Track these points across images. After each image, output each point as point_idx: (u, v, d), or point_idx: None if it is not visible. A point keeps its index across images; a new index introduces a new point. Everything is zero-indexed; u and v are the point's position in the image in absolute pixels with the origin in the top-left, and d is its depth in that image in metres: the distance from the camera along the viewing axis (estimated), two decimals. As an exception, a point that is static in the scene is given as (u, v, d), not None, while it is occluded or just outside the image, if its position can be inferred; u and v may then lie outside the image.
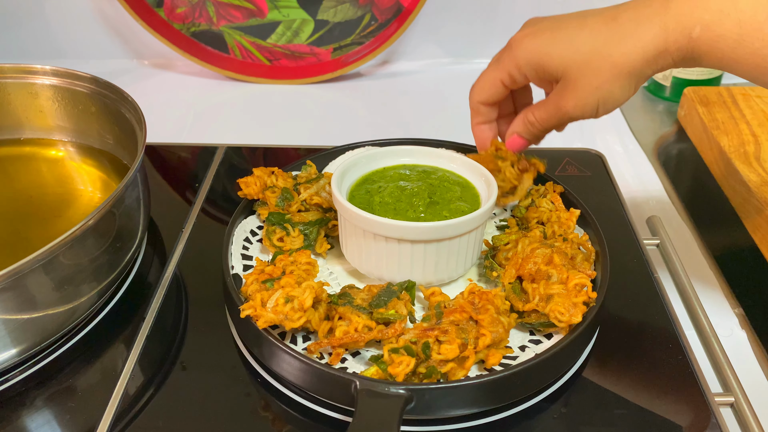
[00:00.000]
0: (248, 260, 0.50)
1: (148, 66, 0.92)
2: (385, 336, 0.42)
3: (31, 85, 0.60)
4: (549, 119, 0.48)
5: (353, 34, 0.86)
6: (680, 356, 0.46)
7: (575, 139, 0.75)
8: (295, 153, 0.70)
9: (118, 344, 0.47)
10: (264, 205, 0.53)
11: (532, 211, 0.52)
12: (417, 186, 0.49)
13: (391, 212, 0.47)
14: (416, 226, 0.44)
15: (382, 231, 0.45)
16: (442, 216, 0.47)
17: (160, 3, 0.83)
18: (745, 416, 0.42)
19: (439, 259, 0.46)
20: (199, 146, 0.70)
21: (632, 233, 0.57)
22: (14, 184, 0.59)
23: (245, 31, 0.86)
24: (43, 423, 0.42)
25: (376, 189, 0.49)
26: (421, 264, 0.46)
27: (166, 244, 0.56)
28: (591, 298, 0.43)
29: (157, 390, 0.44)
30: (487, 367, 0.42)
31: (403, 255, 0.46)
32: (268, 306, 0.42)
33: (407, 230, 0.44)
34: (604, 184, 0.63)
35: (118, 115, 0.56)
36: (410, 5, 0.82)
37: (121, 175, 0.59)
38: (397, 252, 0.45)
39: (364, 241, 0.46)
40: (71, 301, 0.45)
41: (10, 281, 0.39)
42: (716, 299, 0.54)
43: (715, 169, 0.67)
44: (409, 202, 0.48)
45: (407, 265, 0.46)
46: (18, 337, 0.43)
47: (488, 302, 0.43)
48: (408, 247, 0.45)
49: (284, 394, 0.43)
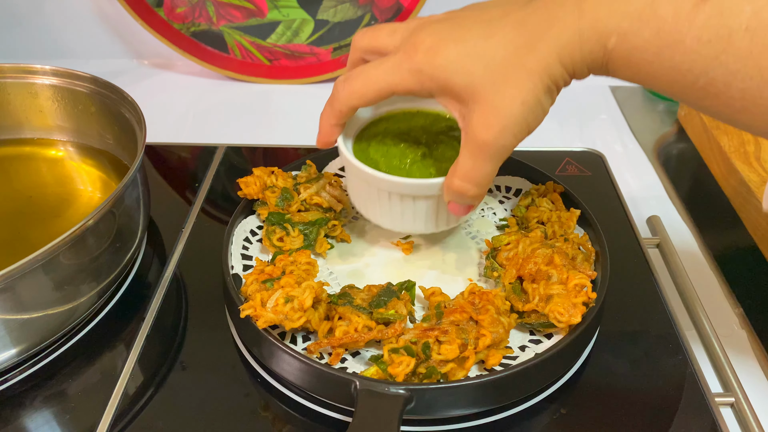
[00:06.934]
0: (248, 260, 0.50)
1: (148, 66, 0.91)
2: (385, 336, 0.42)
3: (31, 85, 0.60)
4: (476, 168, 0.40)
5: (353, 33, 0.86)
6: (680, 356, 0.46)
7: (575, 139, 0.75)
8: (295, 153, 0.70)
9: (118, 344, 0.47)
10: (264, 205, 0.53)
11: (533, 211, 0.52)
12: (419, 136, 0.49)
13: (382, 155, 0.48)
14: (374, 175, 0.45)
15: (356, 173, 0.46)
16: (428, 173, 0.47)
17: (160, 3, 0.83)
18: (745, 416, 0.42)
19: (404, 210, 0.47)
20: (199, 146, 0.70)
21: (632, 233, 0.57)
22: (14, 184, 0.59)
23: (245, 30, 0.86)
24: (42, 423, 0.42)
25: (381, 130, 0.50)
26: (389, 210, 0.47)
27: (166, 244, 0.56)
28: (591, 299, 0.43)
29: (157, 390, 0.44)
30: (487, 367, 0.42)
31: (372, 198, 0.47)
32: (268, 306, 0.42)
33: (370, 178, 0.45)
34: (604, 184, 0.63)
35: (118, 115, 0.56)
36: (410, 5, 0.82)
37: (121, 175, 0.59)
38: (368, 194, 0.48)
39: (351, 180, 0.50)
40: (71, 301, 0.45)
41: (10, 281, 0.39)
42: (716, 299, 0.54)
43: (715, 169, 0.67)
44: (402, 151, 0.48)
45: (376, 208, 0.48)
46: (18, 337, 0.43)
47: (488, 302, 0.43)
48: (375, 192, 0.47)
49: (284, 394, 0.43)
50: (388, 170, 0.47)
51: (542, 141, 0.51)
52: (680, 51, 0.34)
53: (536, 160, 0.58)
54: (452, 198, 0.43)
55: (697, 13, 0.33)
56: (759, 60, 0.32)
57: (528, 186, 0.57)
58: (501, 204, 0.56)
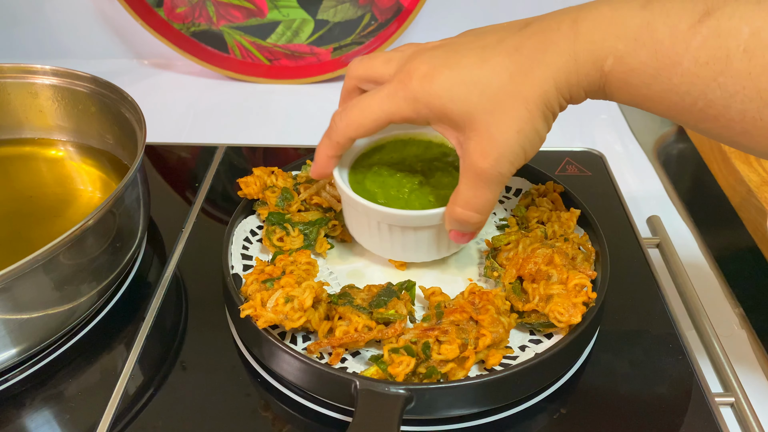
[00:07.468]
0: (248, 260, 0.50)
1: (148, 66, 0.91)
2: (385, 336, 0.42)
3: (31, 85, 0.60)
4: (477, 196, 0.40)
5: (353, 33, 0.86)
6: (680, 356, 0.46)
7: (575, 139, 0.75)
8: (295, 153, 0.70)
9: (118, 344, 0.47)
10: (264, 205, 0.53)
11: (533, 211, 0.52)
12: (414, 164, 0.49)
13: (378, 186, 0.48)
14: (374, 209, 0.45)
15: (354, 206, 0.46)
16: (427, 200, 0.47)
17: (160, 3, 0.83)
18: (745, 416, 0.42)
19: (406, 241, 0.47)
20: (199, 146, 0.70)
21: (632, 233, 0.57)
22: (14, 184, 0.59)
23: (245, 30, 0.86)
24: (43, 423, 0.42)
25: (376, 160, 0.50)
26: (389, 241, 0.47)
27: (166, 244, 0.56)
28: (591, 299, 0.43)
29: (157, 390, 0.44)
30: (488, 367, 0.42)
31: (372, 230, 0.47)
32: (268, 306, 0.42)
33: (370, 211, 0.45)
34: (604, 184, 0.63)
35: (118, 115, 0.56)
36: (410, 5, 0.82)
37: (121, 175, 0.59)
38: (367, 226, 0.47)
39: (348, 212, 0.49)
40: (71, 301, 0.45)
41: (10, 281, 0.39)
42: (716, 299, 0.54)
43: (715, 169, 0.67)
44: (399, 181, 0.48)
45: (375, 239, 0.48)
46: (18, 337, 0.43)
47: (488, 302, 0.43)
48: (375, 224, 0.46)
49: (284, 394, 0.43)
50: (386, 201, 0.47)
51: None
52: (678, 73, 0.34)
53: (536, 160, 0.58)
54: (454, 227, 0.43)
55: (694, 35, 0.33)
56: (758, 81, 0.32)
57: (528, 186, 0.57)
58: (501, 204, 0.56)
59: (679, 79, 0.34)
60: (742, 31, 0.32)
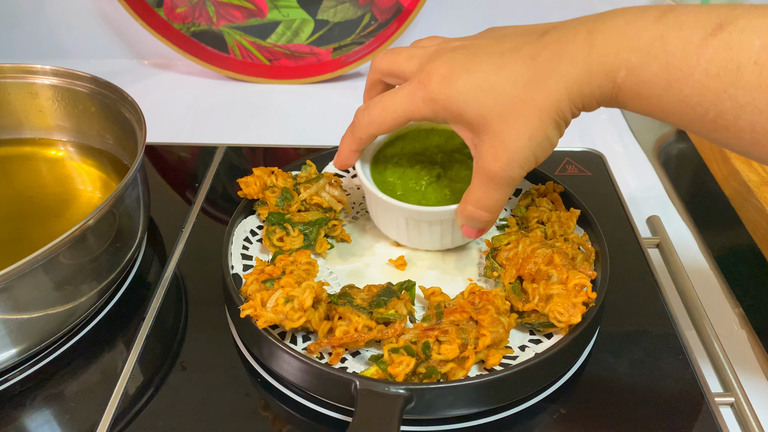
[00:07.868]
0: (248, 260, 0.50)
1: (148, 66, 0.91)
2: (385, 336, 0.42)
3: (31, 85, 0.60)
4: (487, 196, 0.42)
5: (353, 34, 0.86)
6: (680, 356, 0.46)
7: (575, 139, 0.75)
8: (295, 153, 0.70)
9: (118, 344, 0.47)
10: (264, 205, 0.53)
11: (532, 211, 0.52)
12: (434, 155, 0.52)
13: (398, 177, 0.51)
14: (392, 203, 0.48)
15: (375, 200, 0.49)
16: (443, 194, 0.50)
17: (160, 3, 0.83)
18: (745, 416, 0.42)
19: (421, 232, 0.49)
20: (198, 146, 0.70)
21: (632, 233, 0.57)
22: (14, 184, 0.59)
23: (245, 30, 0.86)
24: (43, 423, 0.42)
25: (398, 150, 0.52)
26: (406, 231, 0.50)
27: (166, 244, 0.56)
28: (591, 299, 0.43)
29: (157, 390, 0.44)
30: (487, 367, 0.42)
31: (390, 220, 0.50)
32: (268, 306, 0.42)
33: (389, 205, 0.48)
34: (604, 184, 0.63)
35: (118, 115, 0.56)
36: (410, 5, 0.82)
37: (121, 175, 0.59)
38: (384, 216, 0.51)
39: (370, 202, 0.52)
40: (71, 301, 0.45)
41: (10, 281, 0.39)
42: (716, 299, 0.54)
43: (715, 169, 0.67)
44: (418, 173, 0.51)
45: (392, 228, 0.51)
46: (18, 337, 0.43)
47: (488, 302, 0.43)
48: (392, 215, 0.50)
49: (284, 394, 0.43)
50: (404, 192, 0.50)
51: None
52: (689, 85, 0.34)
53: (536, 160, 0.58)
54: (465, 223, 0.45)
55: (706, 47, 0.34)
56: None
57: (528, 186, 0.57)
58: (501, 204, 0.56)
59: (690, 91, 0.35)
60: (753, 44, 0.33)
